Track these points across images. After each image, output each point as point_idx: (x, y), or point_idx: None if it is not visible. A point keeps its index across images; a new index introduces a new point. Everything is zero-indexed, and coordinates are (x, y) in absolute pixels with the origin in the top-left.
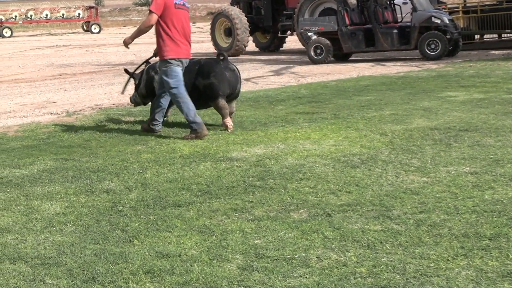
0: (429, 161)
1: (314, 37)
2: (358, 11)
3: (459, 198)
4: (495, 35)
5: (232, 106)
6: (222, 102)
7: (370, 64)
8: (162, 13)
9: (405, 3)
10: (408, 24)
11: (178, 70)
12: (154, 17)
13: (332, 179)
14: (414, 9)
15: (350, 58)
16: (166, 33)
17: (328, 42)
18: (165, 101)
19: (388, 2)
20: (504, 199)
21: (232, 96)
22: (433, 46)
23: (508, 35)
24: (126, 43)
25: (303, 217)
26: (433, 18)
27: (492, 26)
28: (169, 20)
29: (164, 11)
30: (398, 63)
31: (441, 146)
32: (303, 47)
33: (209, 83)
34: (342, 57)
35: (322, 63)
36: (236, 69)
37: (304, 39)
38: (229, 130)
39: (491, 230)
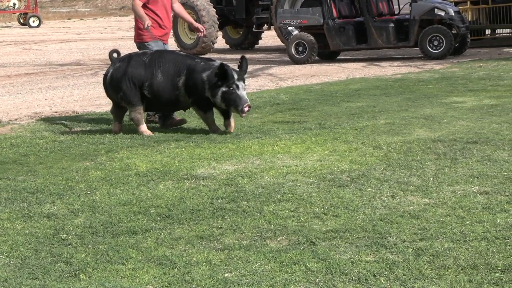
0: (431, 179)
1: (296, 32)
2: (348, 1)
3: (467, 222)
4: (509, 30)
5: None
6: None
7: (361, 64)
8: None
9: None
10: (407, 17)
11: None
12: None
13: (316, 200)
14: None
15: (338, 57)
16: None
17: (312, 38)
18: None
19: None
20: None
21: None
22: (436, 43)
23: None
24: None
25: (282, 246)
26: (436, 9)
27: (505, 20)
28: None
29: None
30: (395, 63)
31: (446, 162)
32: (283, 44)
33: None
34: (328, 55)
35: (304, 63)
36: None
37: (283, 34)
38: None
39: (504, 260)
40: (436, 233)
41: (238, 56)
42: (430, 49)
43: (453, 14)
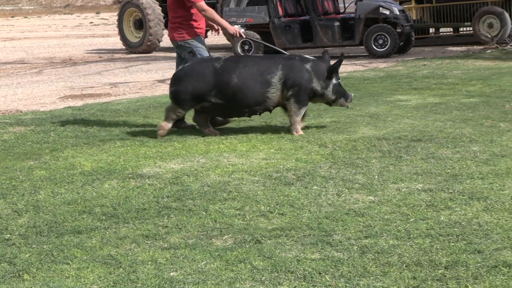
0: (376, 176)
1: (242, 30)
2: (294, 0)
3: (411, 220)
4: (452, 29)
5: None
6: None
7: None
8: None
9: None
10: (352, 15)
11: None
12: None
13: (262, 199)
14: None
15: None
16: None
17: (258, 36)
18: None
19: None
20: (462, 220)
21: None
22: (381, 41)
23: (467, 29)
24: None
25: (227, 245)
26: (381, 8)
27: (449, 19)
28: None
29: None
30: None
31: (390, 159)
32: (229, 43)
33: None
34: (274, 53)
35: None
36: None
37: None
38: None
39: (447, 257)
40: (381, 231)
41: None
42: (375, 47)
43: (398, 13)
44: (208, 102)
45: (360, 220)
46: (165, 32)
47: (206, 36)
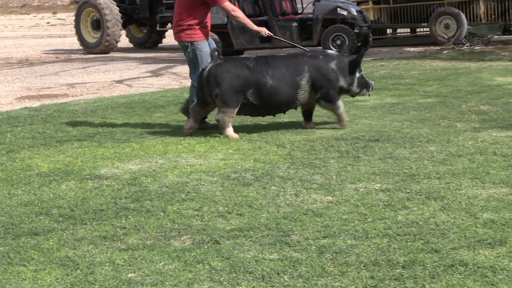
0: (334, 177)
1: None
2: (252, 0)
3: (369, 220)
4: (409, 30)
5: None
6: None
7: None
8: None
9: None
10: (310, 16)
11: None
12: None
13: (220, 199)
14: None
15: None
16: None
17: (216, 37)
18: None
19: None
20: (419, 220)
21: None
22: (339, 42)
23: (424, 29)
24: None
25: (186, 245)
26: (338, 9)
27: (406, 20)
28: None
29: None
30: None
31: (348, 160)
32: None
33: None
34: (232, 54)
35: None
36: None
37: None
38: None
39: (405, 256)
40: (339, 231)
41: (142, 55)
42: (332, 48)
43: (355, 14)
44: (246, 99)
45: (318, 220)
46: (123, 32)
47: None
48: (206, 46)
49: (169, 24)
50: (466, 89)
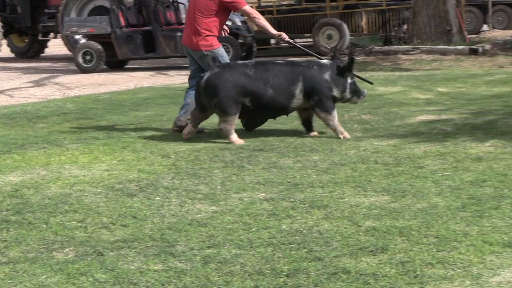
0: (219, 186)
1: (83, 40)
2: (136, 10)
3: (253, 229)
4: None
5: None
6: None
7: (150, 73)
8: None
9: None
10: None
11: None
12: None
13: (104, 210)
14: None
15: (126, 66)
16: None
17: (99, 46)
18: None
19: (171, 1)
20: (303, 229)
21: None
22: (227, 51)
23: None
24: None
25: (69, 257)
26: None
27: (289, 30)
28: None
29: None
30: (183, 72)
31: (233, 169)
32: (70, 53)
33: None
34: (116, 64)
35: (92, 72)
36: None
37: (70, 43)
38: None
39: (289, 265)
40: (224, 240)
41: (24, 64)
42: None
43: (240, 24)
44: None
45: (203, 230)
46: (4, 42)
47: None
48: (224, 51)
49: (52, 33)
50: None
